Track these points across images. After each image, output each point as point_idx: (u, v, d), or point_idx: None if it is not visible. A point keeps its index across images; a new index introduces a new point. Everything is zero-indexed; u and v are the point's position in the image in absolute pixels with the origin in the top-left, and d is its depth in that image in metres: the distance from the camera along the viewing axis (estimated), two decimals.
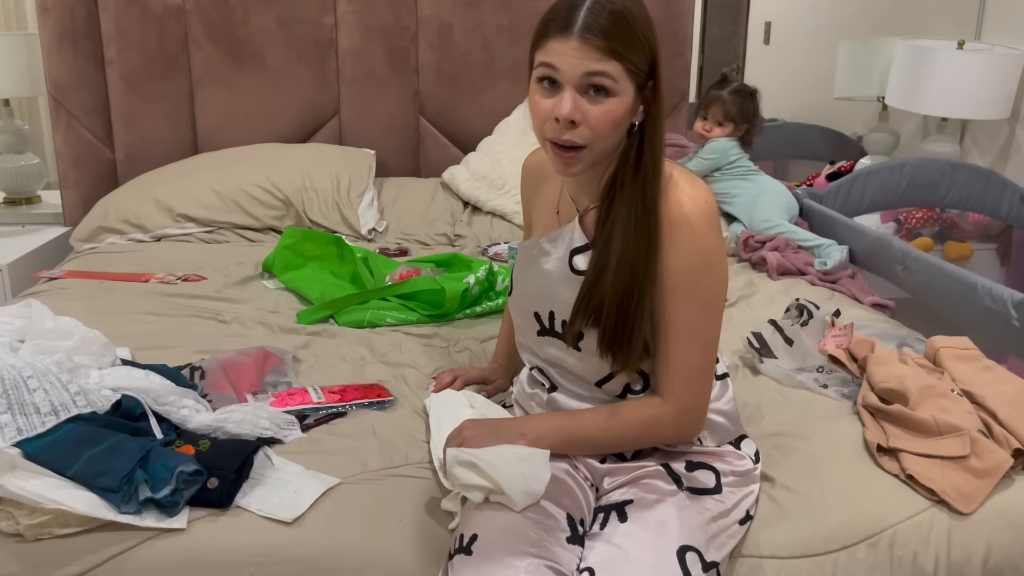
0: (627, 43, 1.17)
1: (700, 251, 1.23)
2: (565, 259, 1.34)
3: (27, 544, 1.24)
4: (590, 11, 1.17)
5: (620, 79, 1.18)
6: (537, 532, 1.23)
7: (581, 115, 1.19)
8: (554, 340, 1.37)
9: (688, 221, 1.23)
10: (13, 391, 1.32)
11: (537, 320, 1.38)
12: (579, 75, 1.18)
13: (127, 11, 2.95)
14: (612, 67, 1.17)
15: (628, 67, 1.18)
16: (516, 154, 2.94)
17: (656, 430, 1.30)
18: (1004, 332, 2.10)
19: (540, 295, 1.37)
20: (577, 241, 1.33)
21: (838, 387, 1.70)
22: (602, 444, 1.33)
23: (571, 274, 1.32)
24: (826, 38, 4.40)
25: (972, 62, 3.14)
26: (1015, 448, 1.41)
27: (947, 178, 3.00)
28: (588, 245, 1.32)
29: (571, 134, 1.20)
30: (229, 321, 2.04)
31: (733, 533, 1.29)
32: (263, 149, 3.01)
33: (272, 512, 1.30)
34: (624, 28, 1.17)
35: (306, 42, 3.07)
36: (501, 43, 3.12)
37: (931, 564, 1.30)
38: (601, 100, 1.19)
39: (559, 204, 1.38)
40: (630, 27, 1.18)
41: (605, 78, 1.18)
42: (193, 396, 1.50)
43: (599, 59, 1.17)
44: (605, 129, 1.20)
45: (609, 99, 1.19)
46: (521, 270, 1.42)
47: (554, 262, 1.35)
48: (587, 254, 1.31)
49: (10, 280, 2.68)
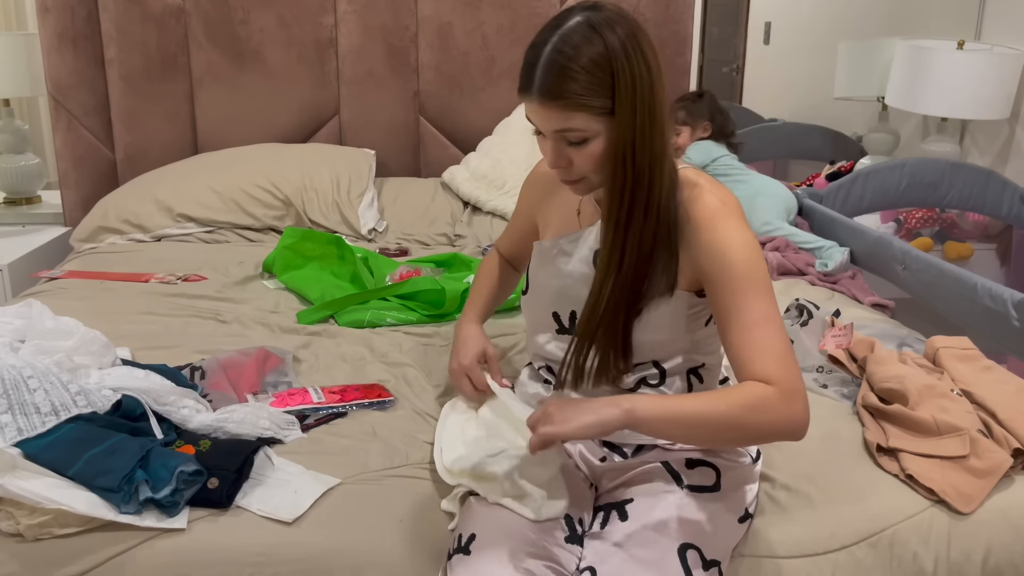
0: (584, 92, 1.17)
1: (746, 244, 1.23)
2: (588, 259, 1.34)
3: (27, 544, 1.24)
4: (544, 71, 1.18)
5: (589, 125, 1.19)
6: (535, 532, 1.23)
7: (567, 160, 1.24)
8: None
9: (724, 220, 1.24)
10: (13, 391, 1.32)
11: (556, 320, 1.39)
12: (551, 132, 1.22)
13: (127, 11, 2.96)
14: (577, 120, 1.19)
15: (594, 112, 1.18)
16: (516, 154, 2.94)
17: (766, 412, 1.14)
18: (1004, 332, 2.11)
19: (561, 295, 1.38)
20: (599, 243, 1.33)
21: (838, 387, 1.70)
22: (709, 424, 1.15)
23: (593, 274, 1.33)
24: (826, 38, 4.41)
25: (972, 62, 3.14)
26: (1015, 448, 1.41)
27: (947, 178, 3.00)
28: None
29: (566, 174, 1.26)
30: (229, 321, 2.04)
31: (733, 531, 1.29)
32: (263, 149, 3.01)
33: (272, 512, 1.30)
34: (580, 79, 1.17)
35: (306, 42, 3.08)
36: (501, 43, 3.12)
37: (931, 564, 1.30)
38: (579, 147, 1.22)
39: (580, 206, 1.39)
40: (587, 74, 1.17)
41: (573, 132, 1.20)
42: (193, 396, 1.50)
43: (563, 117, 1.19)
44: (592, 167, 1.23)
45: (588, 143, 1.21)
46: (537, 270, 1.42)
47: (576, 263, 1.36)
48: None
49: (10, 280, 2.68)
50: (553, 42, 1.18)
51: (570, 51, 1.17)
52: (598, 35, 1.17)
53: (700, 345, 1.35)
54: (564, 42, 1.17)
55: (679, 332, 1.32)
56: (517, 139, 3.00)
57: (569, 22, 1.19)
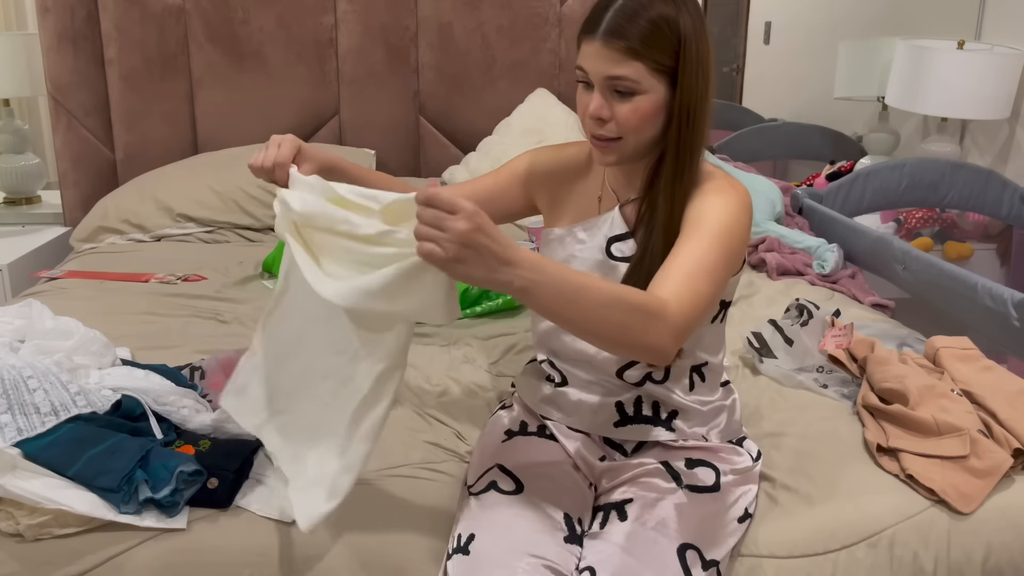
0: (649, 42, 1.19)
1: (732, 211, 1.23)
2: (602, 246, 1.35)
3: (27, 544, 1.24)
4: (615, 13, 1.20)
5: (643, 79, 1.21)
6: (535, 532, 1.23)
7: (609, 113, 1.23)
8: None
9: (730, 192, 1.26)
10: (13, 391, 1.32)
11: None
12: (602, 78, 1.22)
13: (127, 11, 2.95)
14: (632, 69, 1.20)
15: (651, 66, 1.20)
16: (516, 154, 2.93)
17: (648, 321, 1.07)
18: (1004, 332, 2.11)
19: None
20: (617, 229, 1.34)
21: (838, 387, 1.70)
22: (592, 302, 1.05)
23: (608, 260, 1.34)
24: (826, 38, 4.40)
25: (972, 62, 3.14)
26: (1015, 448, 1.41)
27: (947, 178, 3.00)
28: (629, 233, 1.33)
29: (603, 129, 1.25)
30: (229, 321, 2.04)
31: (733, 531, 1.29)
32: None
33: (272, 512, 1.30)
34: (648, 28, 1.19)
35: (306, 42, 3.08)
36: (501, 43, 3.12)
37: (931, 564, 1.30)
38: (627, 100, 1.22)
39: (601, 193, 1.39)
40: (655, 27, 1.19)
41: (626, 81, 1.21)
42: (193, 396, 1.50)
43: (619, 62, 1.20)
44: (633, 125, 1.23)
45: (635, 98, 1.22)
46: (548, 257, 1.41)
47: (590, 249, 1.36)
48: (626, 242, 1.33)
49: (10, 280, 2.68)
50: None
51: (649, 4, 1.20)
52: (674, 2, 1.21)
53: (704, 343, 1.35)
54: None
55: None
56: (517, 139, 3.00)
57: None
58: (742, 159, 3.62)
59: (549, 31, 3.15)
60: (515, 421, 1.46)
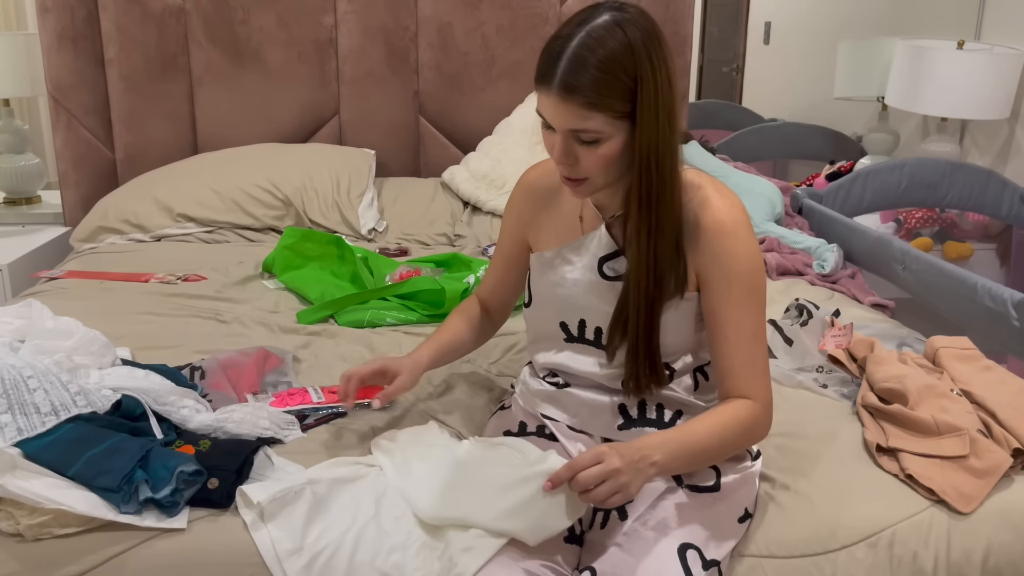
0: (607, 92, 1.16)
1: (752, 256, 1.27)
2: (594, 267, 1.34)
3: (27, 544, 1.24)
4: (568, 65, 1.16)
5: (605, 127, 1.18)
6: None
7: (575, 159, 1.22)
8: (584, 347, 1.37)
9: (734, 230, 1.26)
10: (13, 391, 1.32)
11: (564, 329, 1.38)
12: (565, 131, 1.20)
13: (127, 11, 2.95)
14: (594, 121, 1.18)
15: (612, 114, 1.17)
16: (516, 154, 2.94)
17: (756, 431, 1.29)
18: (1004, 332, 2.11)
19: (568, 304, 1.37)
20: (606, 248, 1.33)
21: (838, 387, 1.70)
22: (715, 454, 1.28)
23: (602, 280, 1.33)
24: (826, 38, 4.40)
25: (972, 62, 3.14)
26: (1015, 448, 1.41)
27: (947, 178, 3.00)
28: (619, 251, 1.32)
29: (570, 171, 1.24)
30: (229, 321, 2.04)
31: (733, 531, 1.29)
32: (263, 149, 3.01)
33: None
34: (603, 78, 1.15)
35: (306, 42, 3.07)
36: (501, 43, 3.12)
37: (931, 564, 1.30)
38: (592, 147, 1.20)
39: (582, 212, 1.38)
40: (611, 74, 1.16)
41: (589, 133, 1.19)
42: (193, 396, 1.50)
43: (580, 116, 1.17)
44: (601, 168, 1.22)
45: (600, 144, 1.20)
46: (539, 281, 1.41)
47: (580, 271, 1.35)
48: (618, 260, 1.32)
49: (10, 280, 2.68)
50: (580, 37, 1.16)
51: (598, 49, 1.15)
52: (625, 37, 1.16)
53: (706, 344, 1.35)
54: (591, 39, 1.16)
55: (689, 334, 1.32)
56: (517, 139, 3.00)
57: (597, 20, 1.17)
58: (742, 159, 3.62)
59: (549, 31, 3.13)
60: (515, 421, 1.46)
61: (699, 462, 1.28)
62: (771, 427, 1.32)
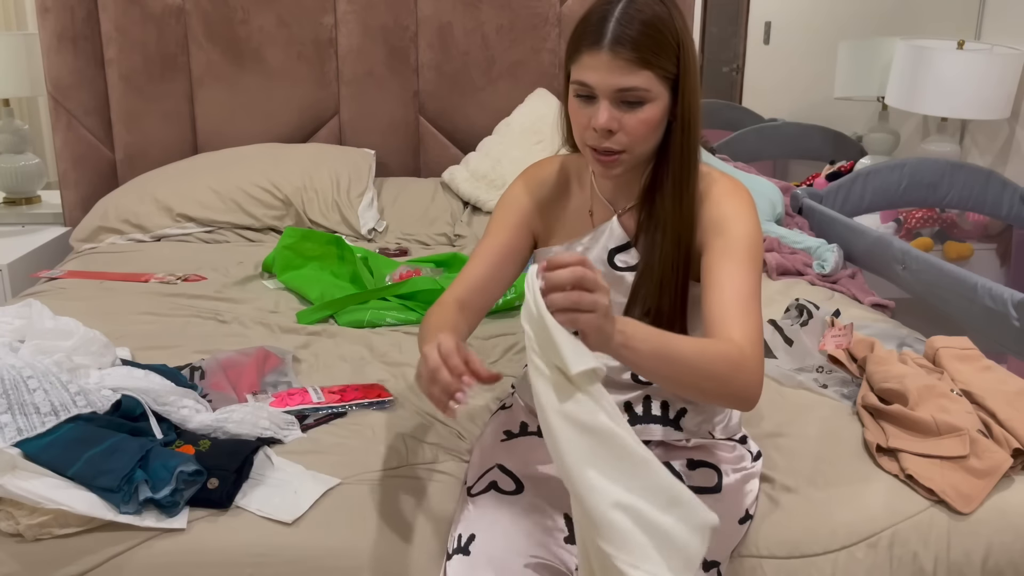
0: (657, 50, 1.19)
1: (753, 228, 1.27)
2: (603, 258, 1.34)
3: (27, 544, 1.24)
4: (619, 22, 1.18)
5: (652, 86, 1.20)
6: (535, 532, 1.23)
7: (618, 124, 1.22)
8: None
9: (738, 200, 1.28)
10: (13, 391, 1.32)
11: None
12: (612, 90, 1.20)
13: (127, 11, 2.95)
14: (643, 78, 1.19)
15: (659, 73, 1.20)
16: (516, 154, 2.94)
17: (739, 374, 1.15)
18: (1004, 332, 2.10)
19: None
20: (617, 240, 1.34)
21: (838, 387, 1.70)
22: (690, 368, 1.13)
23: (612, 272, 1.33)
24: (826, 38, 4.40)
25: (972, 62, 3.14)
26: (1015, 448, 1.41)
27: (947, 178, 3.00)
28: (629, 243, 1.33)
29: (609, 142, 1.23)
30: (229, 321, 2.04)
31: (733, 532, 1.29)
32: (263, 149, 3.01)
33: (272, 512, 1.30)
34: (653, 35, 1.18)
35: (306, 42, 3.08)
36: (501, 43, 3.12)
37: (931, 564, 1.30)
38: (636, 109, 1.21)
39: (592, 207, 1.38)
40: (660, 33, 1.19)
41: (637, 91, 1.20)
42: (193, 396, 1.50)
43: (629, 72, 1.18)
44: (642, 135, 1.22)
45: (644, 107, 1.21)
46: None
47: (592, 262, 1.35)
48: (628, 252, 1.33)
49: (10, 280, 2.68)
50: (624, 3, 1.19)
51: (645, 10, 1.19)
52: (664, 6, 1.21)
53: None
54: (635, 4, 1.19)
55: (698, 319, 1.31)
56: (517, 139, 3.00)
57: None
58: (742, 159, 3.62)
59: (549, 31, 3.15)
60: (515, 421, 1.46)
61: (670, 368, 1.12)
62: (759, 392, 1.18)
